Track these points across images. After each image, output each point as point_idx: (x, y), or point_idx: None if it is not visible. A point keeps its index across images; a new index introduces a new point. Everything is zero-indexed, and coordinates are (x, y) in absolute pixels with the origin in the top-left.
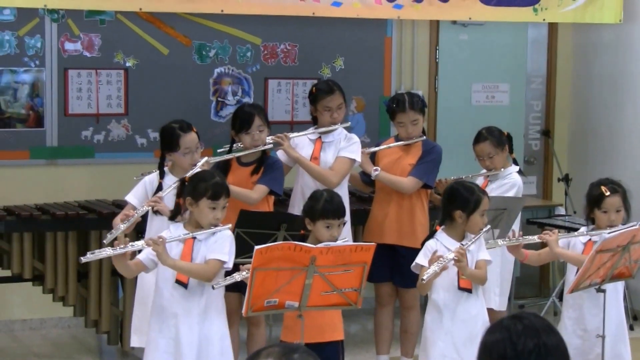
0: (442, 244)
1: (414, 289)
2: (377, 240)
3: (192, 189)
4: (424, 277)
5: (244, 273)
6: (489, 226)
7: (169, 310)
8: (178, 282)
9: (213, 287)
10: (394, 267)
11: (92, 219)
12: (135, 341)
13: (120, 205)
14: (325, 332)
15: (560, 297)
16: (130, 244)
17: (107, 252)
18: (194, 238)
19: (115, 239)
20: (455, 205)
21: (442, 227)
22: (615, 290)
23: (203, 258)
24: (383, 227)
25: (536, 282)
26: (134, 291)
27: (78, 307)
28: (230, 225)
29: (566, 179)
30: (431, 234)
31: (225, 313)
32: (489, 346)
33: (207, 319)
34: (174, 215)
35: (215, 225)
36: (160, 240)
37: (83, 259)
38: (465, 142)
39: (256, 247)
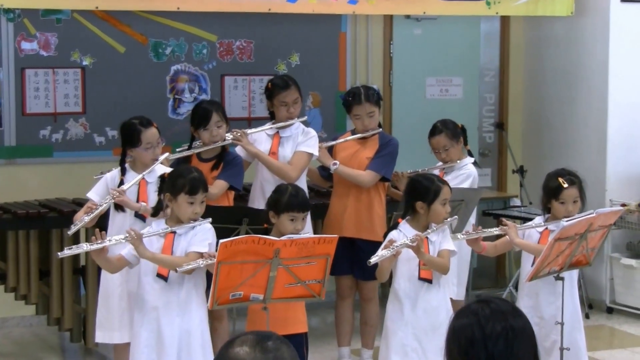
0: (405, 235)
1: (373, 282)
2: (337, 233)
3: (171, 185)
4: (371, 260)
5: (208, 260)
6: (455, 217)
7: (150, 303)
8: (159, 275)
9: (176, 271)
10: (353, 260)
11: (54, 217)
12: (99, 337)
13: (81, 203)
14: (288, 324)
15: (517, 287)
16: (107, 238)
17: (84, 247)
18: (174, 233)
19: (78, 231)
20: (416, 196)
21: (406, 219)
22: (570, 279)
23: (183, 252)
24: (342, 221)
25: (492, 272)
26: (96, 289)
27: (40, 306)
28: (210, 219)
29: (521, 171)
30: (394, 226)
31: (206, 307)
32: (457, 330)
33: (187, 312)
34: (156, 211)
35: (195, 220)
36: (138, 234)
37: (61, 254)
38: (420, 136)
39: (221, 241)
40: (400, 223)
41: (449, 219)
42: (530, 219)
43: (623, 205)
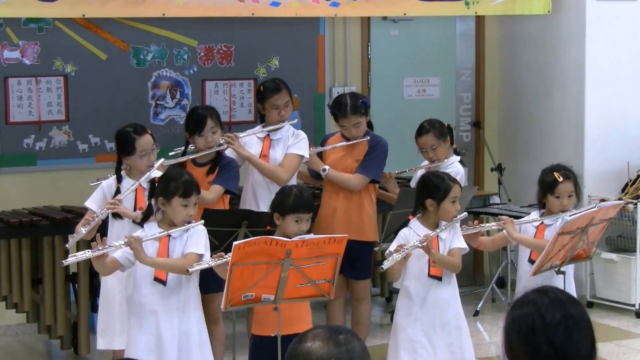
0: (416, 232)
1: (365, 281)
2: (327, 234)
3: (163, 189)
4: (384, 265)
5: (217, 260)
6: (465, 213)
7: (148, 307)
8: (157, 279)
9: (187, 271)
10: (344, 260)
11: (46, 225)
12: (101, 344)
13: (70, 210)
14: (294, 324)
15: (498, 284)
16: (109, 244)
17: (87, 254)
18: (169, 236)
19: (93, 239)
20: (426, 193)
21: (417, 216)
22: (568, 274)
23: (179, 254)
24: (332, 222)
25: (470, 270)
26: (88, 295)
27: (31, 314)
28: (203, 221)
29: (499, 169)
30: (405, 223)
31: (202, 309)
32: (517, 320)
33: (186, 314)
34: (146, 216)
35: (189, 222)
36: (137, 239)
37: (65, 262)
38: (398, 136)
39: (234, 243)
40: (410, 220)
41: (458, 216)
42: (511, 216)
43: (602, 200)
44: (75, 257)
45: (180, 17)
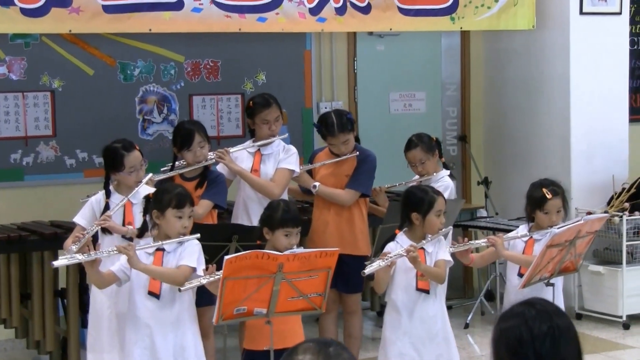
0: (402, 246)
1: (357, 295)
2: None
3: (157, 202)
4: (365, 270)
5: (209, 277)
6: (450, 227)
7: (142, 321)
8: (151, 293)
9: (180, 290)
10: (336, 274)
11: (35, 240)
12: (91, 359)
13: (60, 225)
14: (286, 338)
15: (487, 298)
16: (101, 250)
17: (78, 258)
18: (163, 250)
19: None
20: (411, 207)
21: (403, 230)
22: (557, 286)
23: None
24: (325, 236)
25: (460, 284)
26: (77, 311)
27: (20, 329)
28: (198, 235)
29: (486, 182)
30: (392, 237)
31: (197, 322)
32: (505, 332)
33: (181, 328)
34: (142, 232)
35: (184, 235)
36: (130, 245)
37: (55, 264)
38: (385, 151)
39: (226, 257)
40: (397, 234)
41: (443, 230)
42: (499, 229)
43: (589, 213)
44: (66, 259)
45: (166, 32)
